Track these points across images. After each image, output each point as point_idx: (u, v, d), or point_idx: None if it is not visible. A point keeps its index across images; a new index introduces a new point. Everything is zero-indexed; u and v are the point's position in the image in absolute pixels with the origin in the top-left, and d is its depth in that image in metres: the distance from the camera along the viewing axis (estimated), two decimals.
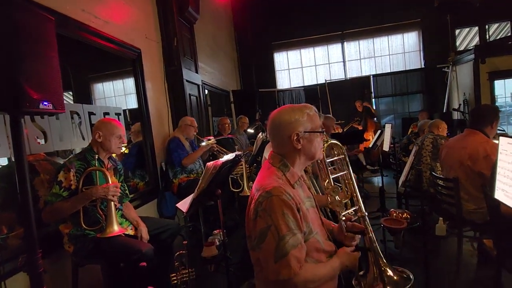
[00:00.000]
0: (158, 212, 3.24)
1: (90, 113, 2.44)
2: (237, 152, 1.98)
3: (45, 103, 1.29)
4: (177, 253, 2.04)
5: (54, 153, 2.27)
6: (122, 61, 3.08)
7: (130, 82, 4.78)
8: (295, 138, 1.20)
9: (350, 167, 1.42)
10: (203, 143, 2.91)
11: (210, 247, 1.87)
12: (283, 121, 1.23)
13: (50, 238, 1.96)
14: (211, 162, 1.63)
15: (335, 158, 1.43)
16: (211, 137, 2.98)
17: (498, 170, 1.44)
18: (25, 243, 1.35)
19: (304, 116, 1.22)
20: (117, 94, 4.99)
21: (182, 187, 3.17)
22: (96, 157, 1.97)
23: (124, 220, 2.12)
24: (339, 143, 1.46)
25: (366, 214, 1.34)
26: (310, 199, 1.30)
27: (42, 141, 2.06)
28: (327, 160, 1.40)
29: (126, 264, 1.81)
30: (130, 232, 2.08)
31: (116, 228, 1.80)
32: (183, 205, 1.83)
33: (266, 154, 2.00)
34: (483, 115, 2.35)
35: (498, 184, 1.44)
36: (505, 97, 6.48)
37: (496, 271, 2.07)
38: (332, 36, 7.54)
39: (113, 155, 2.15)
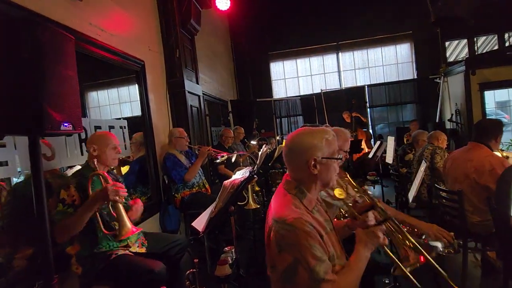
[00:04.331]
0: (161, 226, 3.17)
1: (96, 127, 2.40)
2: (249, 168, 1.96)
3: (65, 124, 1.26)
4: (188, 271, 1.99)
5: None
6: (119, 70, 3.01)
7: (125, 91, 4.72)
8: (312, 163, 1.17)
9: None
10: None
11: (223, 266, 1.84)
12: (301, 146, 1.20)
13: (55, 259, 1.88)
14: (229, 181, 1.61)
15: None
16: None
17: None
18: (42, 269, 1.31)
19: (322, 141, 1.19)
20: (111, 102, 4.92)
21: (185, 201, 3.12)
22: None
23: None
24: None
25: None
26: (328, 222, 1.29)
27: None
28: None
29: (139, 285, 1.76)
30: (138, 249, 2.02)
31: (129, 226, 1.74)
32: (199, 223, 1.80)
33: None
34: (488, 129, 2.38)
35: None
36: (495, 108, 6.68)
37: (504, 283, 2.11)
38: (328, 47, 7.68)
39: (114, 170, 2.11)
